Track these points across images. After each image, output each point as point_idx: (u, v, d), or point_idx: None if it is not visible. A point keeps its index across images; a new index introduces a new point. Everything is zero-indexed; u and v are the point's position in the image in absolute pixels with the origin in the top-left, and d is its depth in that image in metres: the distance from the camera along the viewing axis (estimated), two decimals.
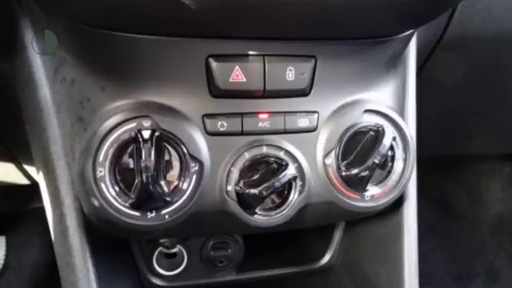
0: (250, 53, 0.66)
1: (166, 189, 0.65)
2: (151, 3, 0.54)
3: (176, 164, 0.67)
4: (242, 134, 0.70)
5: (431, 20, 0.71)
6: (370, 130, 0.75)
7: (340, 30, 0.66)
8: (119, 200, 0.65)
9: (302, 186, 0.72)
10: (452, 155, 1.85)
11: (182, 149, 0.66)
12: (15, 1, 0.67)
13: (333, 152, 0.74)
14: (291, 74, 0.68)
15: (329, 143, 0.73)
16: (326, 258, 1.02)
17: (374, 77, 0.77)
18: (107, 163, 0.64)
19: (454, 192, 2.05)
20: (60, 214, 0.70)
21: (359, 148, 0.74)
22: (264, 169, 0.71)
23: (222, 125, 0.68)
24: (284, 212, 0.71)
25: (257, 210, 0.71)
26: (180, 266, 0.96)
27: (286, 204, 0.71)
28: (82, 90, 0.67)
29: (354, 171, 0.73)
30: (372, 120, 0.75)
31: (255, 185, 0.68)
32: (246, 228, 0.71)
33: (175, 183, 0.67)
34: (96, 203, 0.64)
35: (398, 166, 0.78)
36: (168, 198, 0.65)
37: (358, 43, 0.69)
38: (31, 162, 0.81)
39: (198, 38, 0.63)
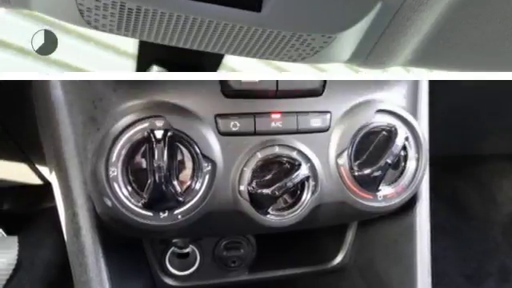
0: None
1: (178, 189, 0.65)
2: None
3: (189, 164, 0.67)
4: (255, 134, 0.69)
5: None
6: (383, 129, 0.74)
7: None
8: (132, 200, 0.65)
9: (315, 186, 0.71)
10: (464, 155, 1.84)
11: (194, 149, 0.66)
12: None
13: (345, 152, 0.73)
14: None
15: (341, 143, 0.73)
16: (339, 258, 1.01)
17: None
18: (120, 163, 0.64)
19: (466, 192, 2.03)
20: (72, 213, 0.70)
21: (372, 148, 0.74)
22: (277, 169, 0.70)
23: (234, 125, 0.68)
24: (297, 212, 0.71)
25: (269, 210, 0.70)
26: (193, 266, 0.96)
27: (299, 204, 0.71)
28: (94, 89, 0.67)
29: (367, 171, 0.73)
30: (384, 120, 0.75)
31: (268, 185, 0.68)
32: (258, 228, 0.71)
33: (188, 183, 0.67)
34: (109, 203, 0.64)
35: (411, 165, 0.77)
36: (181, 198, 0.65)
37: None
38: (44, 162, 0.81)
39: None
